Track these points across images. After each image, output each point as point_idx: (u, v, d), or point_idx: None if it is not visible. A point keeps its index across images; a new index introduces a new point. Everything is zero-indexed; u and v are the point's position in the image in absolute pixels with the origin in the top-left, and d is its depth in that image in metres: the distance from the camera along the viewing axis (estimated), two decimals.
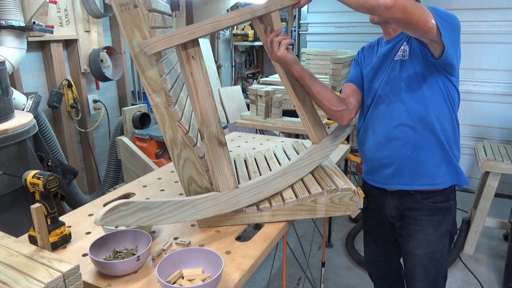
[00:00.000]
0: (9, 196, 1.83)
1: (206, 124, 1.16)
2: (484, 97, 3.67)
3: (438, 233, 1.46)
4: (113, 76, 3.02)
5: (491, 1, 3.43)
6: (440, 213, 1.45)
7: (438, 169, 1.40)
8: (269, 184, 1.33)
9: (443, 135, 1.38)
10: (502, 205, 3.46)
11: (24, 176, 1.12)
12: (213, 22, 1.09)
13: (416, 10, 1.11)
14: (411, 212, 1.47)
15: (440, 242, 1.47)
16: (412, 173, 1.41)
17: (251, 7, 1.18)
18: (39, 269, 0.84)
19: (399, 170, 1.42)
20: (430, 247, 1.47)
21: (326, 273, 2.55)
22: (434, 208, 1.44)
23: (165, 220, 1.12)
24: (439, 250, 1.48)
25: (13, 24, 2.18)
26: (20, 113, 2.09)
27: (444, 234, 1.48)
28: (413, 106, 1.36)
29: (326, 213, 1.36)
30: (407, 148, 1.39)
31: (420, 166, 1.40)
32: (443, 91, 1.35)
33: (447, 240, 1.49)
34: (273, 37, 1.24)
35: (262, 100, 2.71)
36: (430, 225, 1.45)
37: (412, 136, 1.38)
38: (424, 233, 1.46)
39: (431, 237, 1.46)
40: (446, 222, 1.47)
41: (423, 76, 1.34)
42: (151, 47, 1.03)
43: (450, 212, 1.47)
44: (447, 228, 1.47)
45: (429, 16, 1.15)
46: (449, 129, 1.39)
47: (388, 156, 1.42)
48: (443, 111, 1.37)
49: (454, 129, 1.42)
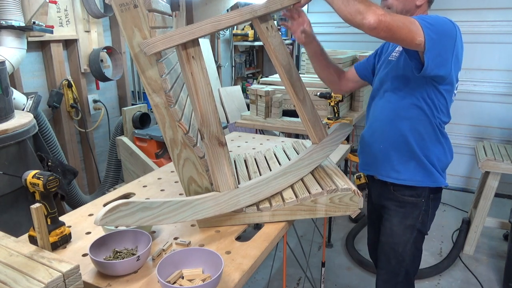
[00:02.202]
0: (9, 196, 1.83)
1: (206, 124, 1.16)
2: (484, 97, 3.67)
3: (402, 226, 1.51)
4: (113, 76, 3.02)
5: (491, 1, 3.43)
6: (407, 206, 1.50)
7: (405, 166, 1.47)
8: (269, 184, 1.33)
9: (413, 136, 1.44)
10: (502, 205, 3.47)
11: (24, 176, 1.12)
12: (213, 22, 1.09)
13: (402, 28, 1.15)
14: (386, 201, 1.56)
15: (403, 235, 1.52)
16: (384, 165, 1.51)
17: (251, 7, 1.18)
18: (39, 269, 0.84)
19: (375, 161, 1.55)
20: (392, 237, 1.54)
21: (326, 273, 2.55)
22: (402, 200, 1.50)
23: (165, 220, 1.12)
24: (401, 243, 1.52)
25: (13, 24, 2.18)
26: (20, 113, 2.09)
27: (409, 229, 1.51)
28: (389, 104, 1.47)
29: (326, 213, 1.36)
30: (380, 142, 1.52)
31: (389, 160, 1.49)
32: (424, 96, 1.39)
33: (411, 236, 1.51)
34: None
35: (262, 100, 2.71)
36: (396, 216, 1.52)
37: (383, 131, 1.50)
38: (390, 222, 1.55)
39: (395, 228, 1.53)
40: (413, 218, 1.50)
41: (407, 79, 1.41)
42: (151, 47, 1.03)
43: (418, 209, 1.49)
44: (413, 223, 1.50)
45: (417, 32, 1.17)
46: (424, 132, 1.43)
47: (369, 146, 1.57)
48: (418, 114, 1.42)
49: (433, 133, 1.44)
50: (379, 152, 1.52)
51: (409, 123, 1.43)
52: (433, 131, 1.44)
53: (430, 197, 1.49)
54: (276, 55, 1.33)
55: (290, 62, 1.37)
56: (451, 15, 3.48)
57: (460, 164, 3.86)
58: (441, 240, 3.00)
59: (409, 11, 1.39)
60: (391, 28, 1.13)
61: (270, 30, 1.30)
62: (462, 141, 3.80)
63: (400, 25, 1.14)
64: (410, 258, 1.55)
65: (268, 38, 1.30)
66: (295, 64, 1.44)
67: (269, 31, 1.30)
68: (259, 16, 1.22)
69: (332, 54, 3.29)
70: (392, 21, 1.12)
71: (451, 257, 2.68)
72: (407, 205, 1.50)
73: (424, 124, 1.42)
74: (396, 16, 1.16)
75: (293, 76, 1.38)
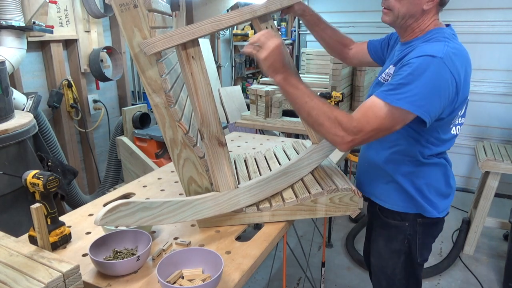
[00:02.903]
0: (9, 196, 1.83)
1: (206, 124, 1.16)
2: (484, 97, 3.67)
3: (388, 249, 1.40)
4: (113, 76, 3.02)
5: (491, 1, 3.43)
6: (391, 229, 1.38)
7: (386, 191, 1.36)
8: (269, 184, 1.33)
9: (391, 164, 1.31)
10: (502, 205, 3.47)
11: (24, 176, 1.12)
12: (213, 22, 1.09)
13: (382, 131, 1.10)
14: (373, 220, 1.48)
15: (390, 259, 1.40)
16: (370, 183, 1.42)
17: (251, 7, 1.18)
18: (39, 269, 0.84)
19: (361, 177, 1.48)
20: (380, 260, 1.44)
21: (326, 273, 2.55)
22: (386, 222, 1.38)
23: (165, 220, 1.12)
24: (390, 267, 1.41)
25: (13, 24, 2.18)
26: (20, 113, 2.09)
27: (396, 253, 1.38)
28: None
29: (326, 213, 1.36)
30: (365, 160, 1.44)
31: (372, 180, 1.41)
32: (407, 130, 1.22)
33: (399, 260, 1.38)
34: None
35: (262, 100, 2.71)
36: (381, 238, 1.42)
37: (366, 152, 1.43)
38: (377, 244, 1.45)
39: (382, 251, 1.42)
40: (398, 242, 1.36)
41: None
42: (151, 47, 1.03)
43: (402, 233, 1.35)
44: (398, 248, 1.37)
45: (398, 122, 1.09)
46: (406, 161, 1.29)
47: (360, 163, 1.50)
48: (398, 145, 1.28)
49: (417, 163, 1.29)
50: (364, 169, 1.44)
51: (389, 150, 1.31)
52: (416, 160, 1.28)
53: (418, 222, 1.33)
54: None
55: (290, 62, 1.37)
56: (451, 15, 3.51)
57: (460, 164, 3.86)
58: (441, 240, 3.00)
59: (413, 16, 1.19)
60: (370, 138, 1.11)
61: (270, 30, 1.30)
62: (462, 141, 3.79)
63: (378, 131, 1.09)
64: (402, 282, 1.42)
65: None
66: (295, 64, 1.43)
67: None
68: (259, 16, 1.22)
69: None
70: (372, 129, 1.08)
71: (451, 257, 2.68)
72: (391, 228, 1.38)
73: (403, 154, 1.28)
74: (366, 127, 1.08)
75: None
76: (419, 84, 1.06)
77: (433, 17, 1.21)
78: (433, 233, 1.39)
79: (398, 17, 1.21)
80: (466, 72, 1.17)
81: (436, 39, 1.16)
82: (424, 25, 1.22)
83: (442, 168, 1.32)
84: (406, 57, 1.14)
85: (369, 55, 1.55)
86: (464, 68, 1.15)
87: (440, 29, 1.21)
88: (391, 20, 1.23)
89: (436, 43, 1.14)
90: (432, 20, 1.21)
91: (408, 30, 1.25)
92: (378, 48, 1.52)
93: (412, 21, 1.21)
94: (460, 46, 1.17)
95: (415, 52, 1.12)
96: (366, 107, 1.12)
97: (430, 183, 1.31)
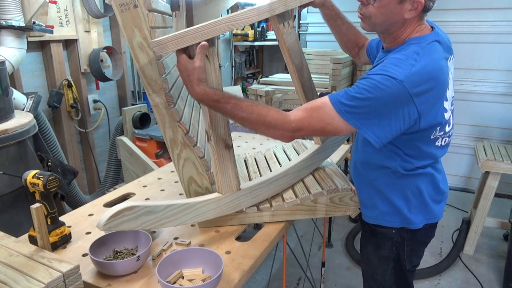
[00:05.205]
0: (9, 196, 1.83)
1: (214, 127, 1.15)
2: (484, 97, 3.66)
3: (376, 256, 1.38)
4: (113, 76, 3.02)
5: (491, 1, 3.43)
6: (378, 236, 1.35)
7: (371, 200, 1.33)
8: (270, 186, 1.33)
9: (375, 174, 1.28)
10: (502, 205, 3.46)
11: (24, 176, 1.12)
12: (228, 21, 1.06)
13: (324, 133, 1.12)
14: (363, 225, 1.45)
15: (380, 266, 1.38)
16: (358, 189, 1.39)
17: (269, 4, 1.13)
18: (39, 269, 0.85)
19: (353, 179, 1.42)
20: (370, 266, 1.42)
21: (326, 273, 2.55)
22: (374, 229, 1.36)
23: (168, 223, 1.11)
24: (379, 273, 1.39)
25: (13, 24, 2.18)
26: (20, 113, 2.09)
27: (385, 260, 1.36)
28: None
29: (326, 213, 1.36)
30: (354, 163, 1.39)
31: (360, 186, 1.37)
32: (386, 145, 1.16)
33: (388, 267, 1.36)
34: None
35: (262, 100, 2.71)
36: (370, 245, 1.40)
37: (355, 155, 1.39)
38: (366, 250, 1.43)
39: (371, 257, 1.41)
40: (386, 249, 1.34)
41: None
42: (162, 47, 0.99)
43: (390, 240, 1.33)
44: (387, 255, 1.35)
45: (342, 131, 1.10)
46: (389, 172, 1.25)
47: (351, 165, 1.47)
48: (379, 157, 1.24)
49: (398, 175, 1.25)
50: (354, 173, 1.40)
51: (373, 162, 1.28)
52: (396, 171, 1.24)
53: (405, 229, 1.30)
54: (290, 53, 1.30)
55: (303, 61, 1.35)
56: (451, 15, 3.51)
57: (460, 164, 3.86)
58: (441, 240, 3.00)
59: (394, 24, 1.13)
60: (311, 134, 1.13)
61: (287, 27, 1.27)
62: (462, 141, 3.79)
63: (323, 127, 1.09)
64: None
65: (283, 35, 1.26)
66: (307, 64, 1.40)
67: (285, 28, 1.26)
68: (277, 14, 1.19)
69: (332, 54, 3.30)
70: (306, 134, 1.11)
71: (451, 257, 2.68)
72: (378, 235, 1.35)
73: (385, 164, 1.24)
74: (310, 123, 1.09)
75: (304, 76, 1.36)
76: (372, 103, 1.03)
77: (416, 23, 1.14)
78: (423, 240, 1.36)
79: (376, 25, 1.15)
80: (437, 89, 1.08)
81: (406, 55, 1.07)
82: (406, 33, 1.15)
83: (428, 177, 1.26)
84: (373, 69, 1.11)
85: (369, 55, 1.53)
86: (431, 86, 1.06)
87: (420, 38, 1.13)
88: (369, 28, 1.18)
89: (403, 62, 1.05)
90: (415, 26, 1.14)
91: (390, 37, 1.18)
92: (374, 49, 1.47)
93: (395, 28, 1.15)
94: (430, 62, 1.07)
95: (380, 67, 1.07)
96: (313, 107, 1.11)
97: (416, 194, 1.26)
